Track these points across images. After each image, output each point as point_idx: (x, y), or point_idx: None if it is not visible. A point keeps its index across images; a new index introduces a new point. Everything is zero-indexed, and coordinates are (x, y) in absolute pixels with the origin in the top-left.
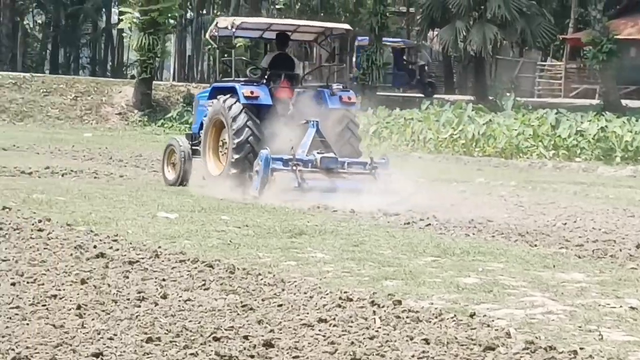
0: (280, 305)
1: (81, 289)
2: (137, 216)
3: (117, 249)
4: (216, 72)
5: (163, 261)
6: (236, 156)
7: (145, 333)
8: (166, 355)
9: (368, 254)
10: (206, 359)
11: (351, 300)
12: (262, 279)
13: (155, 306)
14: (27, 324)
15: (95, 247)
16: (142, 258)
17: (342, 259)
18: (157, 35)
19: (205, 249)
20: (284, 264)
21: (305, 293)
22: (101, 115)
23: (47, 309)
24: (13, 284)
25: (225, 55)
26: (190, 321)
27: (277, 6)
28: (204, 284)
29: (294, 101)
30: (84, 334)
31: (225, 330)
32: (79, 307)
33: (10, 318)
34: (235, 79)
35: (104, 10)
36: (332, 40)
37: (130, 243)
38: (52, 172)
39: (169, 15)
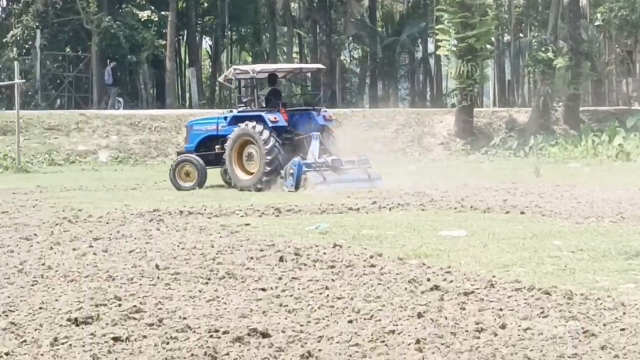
0: (622, 330)
1: (418, 323)
2: (468, 246)
3: (451, 281)
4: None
5: (498, 290)
6: (269, 168)
7: None
8: None
9: None
10: None
11: None
12: (601, 304)
13: (494, 337)
14: None
15: (429, 280)
16: (477, 288)
17: None
18: (475, 61)
19: (540, 275)
20: (623, 286)
21: None
22: (424, 147)
23: (386, 344)
24: (350, 321)
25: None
26: (531, 350)
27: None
28: (542, 312)
29: (292, 121)
30: None
31: (569, 357)
32: (418, 342)
33: (350, 356)
34: (254, 108)
35: (419, 40)
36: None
37: (464, 274)
38: (380, 206)
39: (486, 40)
